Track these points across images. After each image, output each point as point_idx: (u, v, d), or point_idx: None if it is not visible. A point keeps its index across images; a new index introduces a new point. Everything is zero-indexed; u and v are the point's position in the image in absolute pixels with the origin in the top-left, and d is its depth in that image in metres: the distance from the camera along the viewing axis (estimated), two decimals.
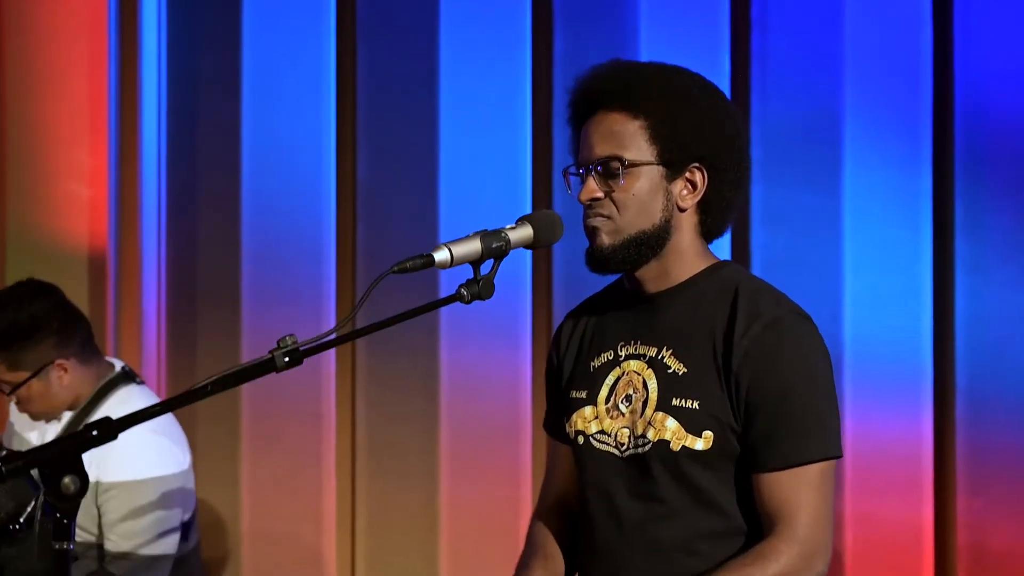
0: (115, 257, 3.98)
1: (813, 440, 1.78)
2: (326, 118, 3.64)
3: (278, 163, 3.72)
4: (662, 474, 1.82)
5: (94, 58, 4.04)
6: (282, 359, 1.61)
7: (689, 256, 1.87)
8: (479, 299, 1.72)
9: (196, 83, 3.86)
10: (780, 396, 1.78)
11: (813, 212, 2.96)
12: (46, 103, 4.08)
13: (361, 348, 3.58)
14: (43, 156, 4.08)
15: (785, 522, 1.76)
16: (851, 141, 2.93)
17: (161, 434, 2.83)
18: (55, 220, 4.09)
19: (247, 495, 3.74)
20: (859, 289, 2.91)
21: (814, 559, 1.77)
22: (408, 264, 1.69)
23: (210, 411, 3.76)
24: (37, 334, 2.76)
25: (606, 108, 1.84)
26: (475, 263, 1.74)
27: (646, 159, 1.82)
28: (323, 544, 3.63)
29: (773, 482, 1.78)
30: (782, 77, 2.97)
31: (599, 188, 1.83)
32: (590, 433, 1.89)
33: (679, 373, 1.83)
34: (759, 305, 1.82)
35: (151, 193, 3.93)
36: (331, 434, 3.62)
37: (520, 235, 1.76)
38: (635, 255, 1.83)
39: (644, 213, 1.82)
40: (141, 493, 2.76)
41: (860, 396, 2.89)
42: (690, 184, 1.84)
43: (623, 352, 1.89)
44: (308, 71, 3.68)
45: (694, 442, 1.80)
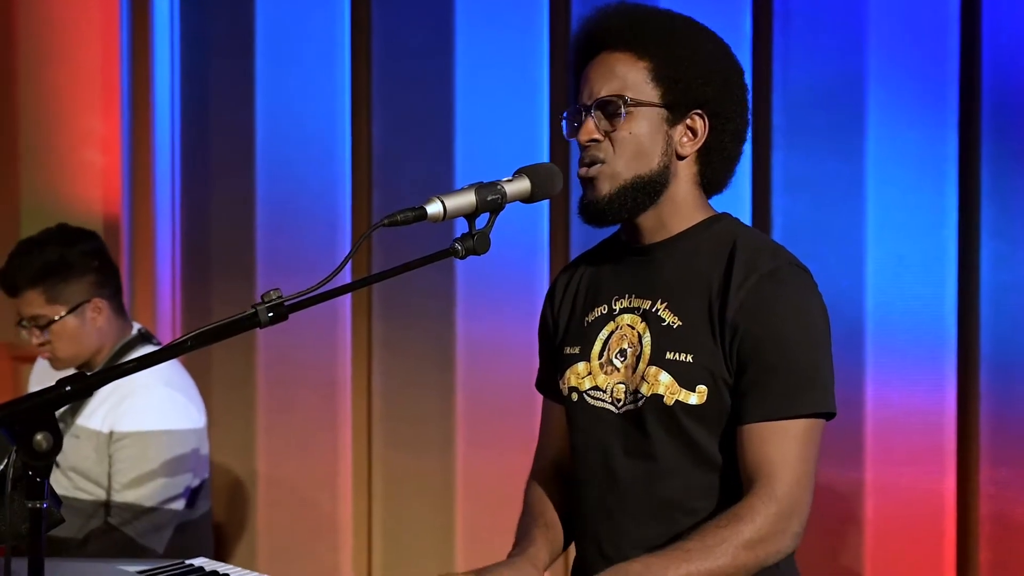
0: (128, 224, 3.96)
1: (803, 394, 1.71)
2: (340, 84, 3.59)
3: (292, 129, 3.68)
4: (657, 430, 1.76)
5: (106, 25, 4.01)
6: (266, 314, 1.54)
7: (686, 207, 1.81)
8: (474, 254, 1.65)
9: (209, 49, 3.82)
10: (772, 347, 1.72)
11: (835, 178, 2.89)
12: (59, 70, 4.06)
13: (377, 316, 3.55)
14: (57, 124, 4.07)
15: (765, 480, 1.69)
16: (874, 104, 2.85)
17: (177, 390, 2.84)
18: (69, 187, 4.08)
19: (263, 463, 3.71)
20: (882, 256, 2.84)
21: (791, 519, 1.70)
22: (399, 217, 1.61)
23: (226, 379, 3.75)
24: (78, 270, 2.81)
25: (611, 48, 1.79)
26: (470, 217, 1.66)
27: (649, 100, 1.76)
28: (339, 512, 3.61)
29: (756, 435, 1.71)
30: (804, 39, 2.88)
31: (598, 129, 1.77)
32: (584, 389, 1.83)
33: (673, 326, 1.77)
34: (757, 257, 1.76)
35: (164, 160, 3.90)
36: (347, 402, 3.59)
37: (517, 188, 1.69)
38: (631, 203, 1.78)
39: (643, 156, 1.77)
40: (153, 445, 2.76)
41: (882, 365, 2.83)
42: (691, 131, 1.79)
43: (617, 306, 1.83)
44: (322, 36, 3.63)
45: (688, 396, 1.74)
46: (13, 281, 2.82)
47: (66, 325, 2.82)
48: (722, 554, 1.65)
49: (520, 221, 3.12)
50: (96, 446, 2.83)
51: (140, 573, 1.86)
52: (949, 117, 2.76)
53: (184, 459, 2.82)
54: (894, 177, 2.83)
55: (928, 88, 2.79)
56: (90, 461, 2.84)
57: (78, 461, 2.85)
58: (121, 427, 2.79)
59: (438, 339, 3.43)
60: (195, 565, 1.90)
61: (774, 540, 1.68)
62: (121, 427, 2.79)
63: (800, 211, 2.93)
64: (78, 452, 2.85)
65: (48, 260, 2.80)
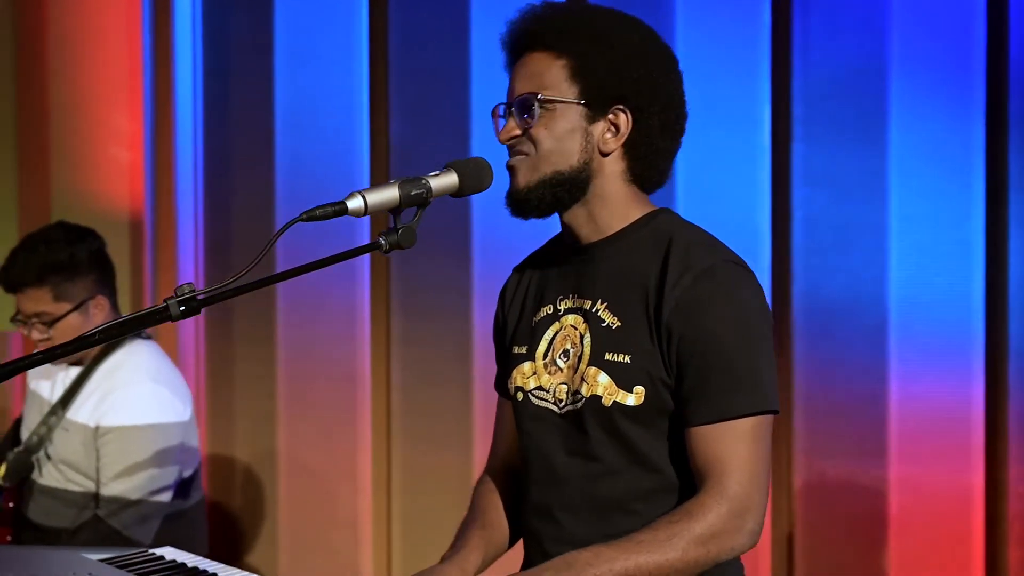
0: (151, 220, 3.90)
1: (745, 393, 1.65)
2: (359, 80, 3.52)
3: (312, 125, 3.62)
4: (596, 431, 1.71)
5: (130, 24, 3.95)
6: (177, 308, 1.48)
7: (618, 204, 1.75)
8: (398, 248, 1.59)
9: (230, 47, 3.75)
10: (710, 347, 1.65)
11: (857, 170, 2.74)
12: (88, 70, 4.02)
13: (396, 311, 3.47)
14: (86, 122, 4.03)
15: (715, 479, 1.64)
16: (897, 94, 2.69)
17: (162, 384, 2.82)
18: (98, 184, 4.03)
19: (283, 457, 3.65)
20: (906, 249, 2.68)
21: (744, 517, 1.64)
22: (318, 212, 1.55)
23: (247, 374, 3.70)
24: (83, 268, 2.79)
25: (531, 49, 1.75)
26: (395, 211, 1.61)
27: (564, 97, 1.71)
28: (359, 505, 3.53)
29: (703, 437, 1.66)
30: (824, 27, 2.73)
31: (518, 126, 1.73)
32: (528, 389, 1.80)
33: (612, 327, 1.72)
34: (692, 254, 1.69)
35: (186, 156, 3.84)
36: (366, 396, 3.51)
37: (443, 182, 1.65)
38: (551, 197, 1.72)
39: (561, 153, 1.71)
40: (137, 439, 2.74)
41: (907, 360, 2.68)
42: (613, 126, 1.73)
43: (562, 306, 1.79)
44: (340, 33, 3.56)
45: (625, 397, 1.69)
46: (19, 278, 2.77)
47: (70, 322, 2.77)
48: (672, 548, 1.61)
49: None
50: (84, 440, 2.80)
51: (102, 560, 1.83)
52: (975, 106, 2.60)
53: (170, 452, 2.78)
54: (918, 168, 2.67)
55: (952, 77, 2.63)
56: (79, 455, 2.81)
57: (68, 454, 2.82)
58: (106, 422, 2.76)
59: (456, 334, 3.34)
60: (156, 554, 1.87)
61: (727, 537, 1.63)
62: (106, 422, 2.76)
63: (821, 204, 2.78)
64: (68, 445, 2.82)
65: (56, 258, 2.76)
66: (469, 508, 1.90)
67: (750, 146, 2.87)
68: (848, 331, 2.76)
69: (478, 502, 1.89)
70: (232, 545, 3.73)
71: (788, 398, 2.81)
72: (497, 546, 1.85)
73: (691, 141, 3.00)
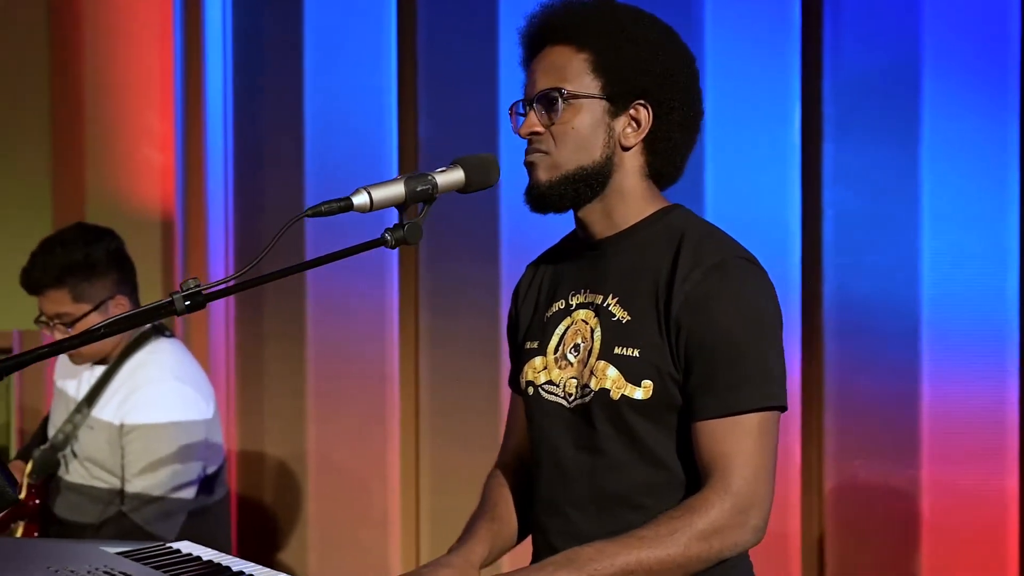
0: (182, 219, 3.91)
1: (752, 388, 1.63)
2: (387, 80, 3.50)
3: (341, 125, 3.61)
4: (604, 425, 1.70)
5: (162, 26, 3.96)
6: (182, 303, 1.48)
7: (634, 199, 1.74)
8: (404, 244, 1.58)
9: (259, 48, 3.75)
10: (718, 342, 1.64)
11: (889, 168, 2.69)
12: (121, 71, 4.04)
13: (425, 310, 3.45)
14: (119, 123, 4.05)
15: (719, 474, 1.62)
16: (929, 90, 2.64)
17: (185, 382, 2.82)
18: (130, 184, 4.05)
19: (313, 455, 3.64)
20: (939, 247, 2.63)
21: (748, 512, 1.62)
22: (323, 208, 1.54)
23: (277, 373, 3.69)
24: (101, 269, 2.79)
25: (552, 43, 1.73)
26: (401, 207, 1.59)
27: (588, 92, 1.70)
28: (388, 503, 3.52)
29: (709, 431, 1.64)
30: (855, 23, 2.68)
31: (539, 122, 1.72)
32: (539, 383, 1.79)
33: (623, 321, 1.71)
34: (702, 249, 1.68)
35: (217, 156, 3.84)
36: (395, 395, 3.50)
37: (449, 178, 1.63)
38: (572, 192, 1.71)
39: (583, 148, 1.70)
40: (160, 437, 2.75)
41: (940, 359, 2.63)
42: (634, 121, 1.72)
43: (574, 301, 1.78)
44: (369, 31, 3.55)
45: (633, 391, 1.68)
46: (38, 280, 2.78)
47: (90, 322, 2.77)
48: (674, 543, 1.60)
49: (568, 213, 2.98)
50: (108, 438, 2.81)
51: (120, 554, 1.83)
52: (1009, 102, 2.54)
53: (193, 449, 2.79)
54: (951, 166, 2.62)
55: (986, 73, 2.58)
56: (104, 452, 2.82)
57: (93, 451, 2.84)
58: (131, 419, 2.77)
59: (484, 332, 3.32)
60: (174, 548, 1.86)
61: (730, 533, 1.62)
62: (131, 419, 2.77)
63: (852, 203, 2.74)
64: (93, 443, 2.84)
65: (73, 260, 2.76)
66: (480, 502, 1.88)
67: (780, 144, 2.83)
68: (880, 331, 2.71)
69: (488, 495, 1.88)
70: (262, 543, 3.73)
71: (819, 398, 2.77)
72: (505, 540, 1.84)
73: (721, 139, 2.97)
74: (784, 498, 2.81)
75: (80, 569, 1.68)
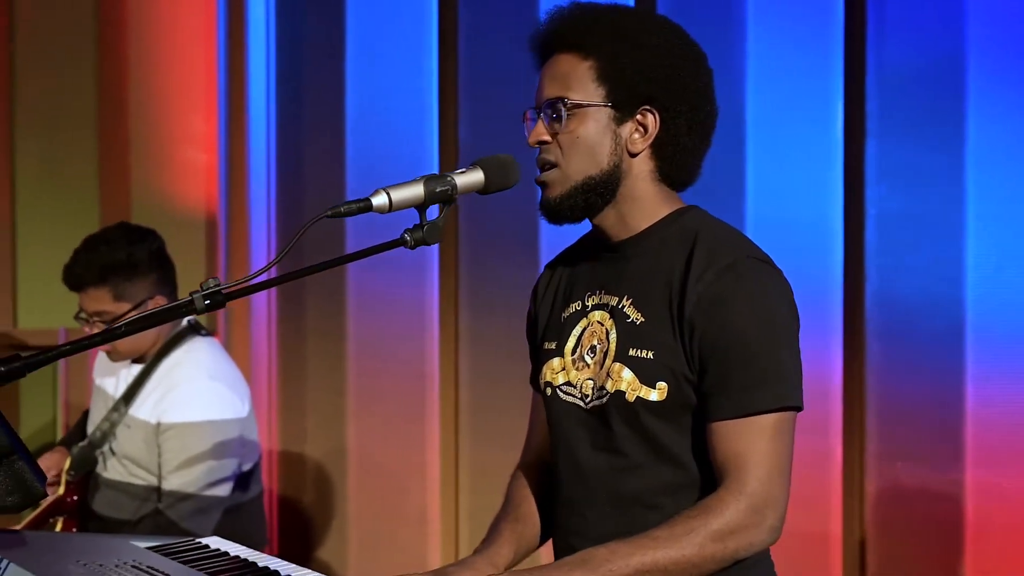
0: (225, 219, 3.92)
1: (767, 388, 1.63)
2: (428, 81, 3.50)
3: (382, 124, 3.62)
4: (621, 426, 1.70)
5: (206, 28, 3.98)
6: (202, 302, 1.49)
7: (648, 203, 1.74)
8: (424, 244, 1.60)
9: (302, 49, 3.76)
10: (732, 342, 1.63)
11: (933, 166, 2.63)
12: (166, 73, 4.07)
13: (464, 309, 3.44)
14: (164, 124, 4.07)
15: (734, 474, 1.62)
16: (975, 88, 2.58)
17: (220, 380, 2.85)
18: (175, 185, 4.07)
19: (353, 453, 3.64)
20: (983, 248, 2.58)
21: (763, 513, 1.61)
22: (343, 208, 1.56)
23: (318, 371, 3.70)
24: (143, 269, 2.81)
25: (559, 51, 1.74)
26: (420, 208, 1.61)
27: (592, 100, 1.70)
28: (427, 502, 3.51)
29: (724, 432, 1.64)
30: (899, 17, 2.63)
31: (547, 131, 1.72)
32: (557, 384, 1.79)
33: (637, 323, 1.71)
34: (716, 250, 1.68)
35: (259, 157, 3.85)
36: (435, 393, 3.49)
37: (469, 179, 1.64)
38: (583, 203, 1.72)
39: (591, 157, 1.70)
40: (196, 435, 2.77)
41: (984, 362, 2.58)
42: (641, 127, 1.72)
43: (590, 302, 1.78)
44: (410, 32, 3.54)
45: (648, 393, 1.68)
46: (80, 277, 2.81)
47: None
48: (689, 544, 1.59)
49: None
50: (145, 436, 2.84)
51: (149, 548, 1.84)
52: None
53: (228, 446, 2.81)
54: (995, 165, 2.57)
55: None
56: (140, 450, 2.84)
57: (130, 449, 2.86)
58: (167, 418, 2.79)
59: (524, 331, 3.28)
60: (202, 543, 1.87)
61: (745, 533, 1.61)
62: (167, 418, 2.79)
63: (895, 202, 2.69)
64: (130, 441, 2.86)
65: (116, 259, 2.78)
66: (504, 501, 1.89)
67: (822, 142, 2.79)
68: (923, 332, 2.66)
69: (512, 496, 1.88)
70: (302, 539, 3.73)
71: (861, 400, 2.72)
72: (529, 540, 1.85)
73: (763, 138, 2.93)
74: (826, 500, 2.77)
75: (108, 563, 1.68)
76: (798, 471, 1.59)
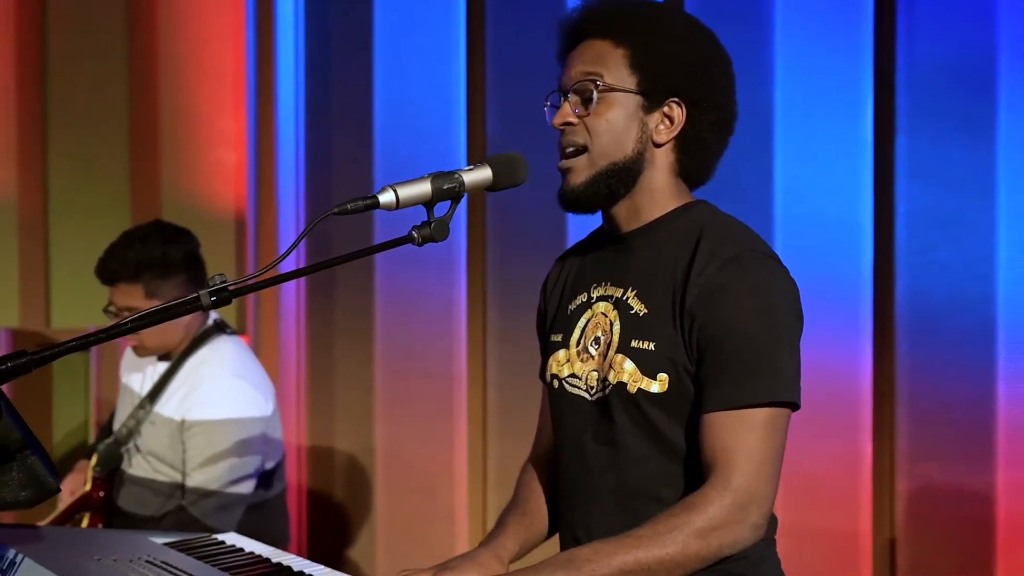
0: (254, 218, 3.93)
1: (759, 382, 1.61)
2: (456, 79, 3.49)
3: (410, 123, 3.61)
4: (623, 417, 1.70)
5: (235, 28, 3.99)
6: (208, 298, 1.51)
7: (662, 195, 1.74)
8: (432, 241, 1.59)
9: (330, 47, 3.75)
10: (728, 334, 1.62)
11: (964, 163, 2.59)
12: (195, 73, 4.08)
13: (492, 308, 3.43)
14: (194, 124, 4.09)
15: (721, 469, 1.60)
16: (1006, 84, 2.54)
17: (244, 379, 2.86)
18: (205, 185, 4.08)
19: (382, 451, 3.64)
20: (1015, 246, 2.54)
21: (748, 509, 1.59)
22: (350, 206, 1.57)
23: (346, 370, 3.70)
24: (175, 268, 2.83)
25: (591, 36, 1.74)
26: (428, 205, 1.60)
27: (624, 85, 1.70)
28: (455, 500, 3.50)
29: (715, 424, 1.62)
30: (930, 13, 2.59)
31: (573, 113, 1.72)
32: (563, 376, 1.79)
33: (640, 314, 1.70)
34: (720, 243, 1.67)
35: (288, 156, 3.86)
36: (463, 392, 3.48)
37: (476, 176, 1.64)
38: (605, 190, 1.72)
39: (617, 142, 1.71)
40: (219, 433, 2.79)
41: (1016, 361, 2.54)
42: (668, 119, 1.73)
43: (595, 294, 1.78)
44: (438, 31, 3.53)
45: (649, 384, 1.67)
46: (115, 272, 2.83)
47: None
48: (672, 542, 1.58)
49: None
50: (170, 433, 2.86)
51: (166, 544, 1.85)
52: None
53: (250, 444, 2.82)
54: None
55: None
56: (165, 447, 2.86)
57: (155, 446, 2.88)
58: (191, 415, 2.81)
59: None
60: (218, 539, 1.88)
61: (728, 530, 1.59)
62: (191, 415, 2.81)
63: (926, 200, 2.65)
64: (155, 438, 2.88)
65: (152, 256, 2.80)
66: (513, 495, 1.88)
67: (852, 139, 2.75)
68: (954, 331, 2.62)
69: (520, 490, 1.87)
70: (331, 537, 3.73)
71: (891, 399, 2.69)
72: (536, 533, 1.84)
73: (791, 134, 2.90)
74: (855, 499, 2.74)
75: (124, 558, 1.69)
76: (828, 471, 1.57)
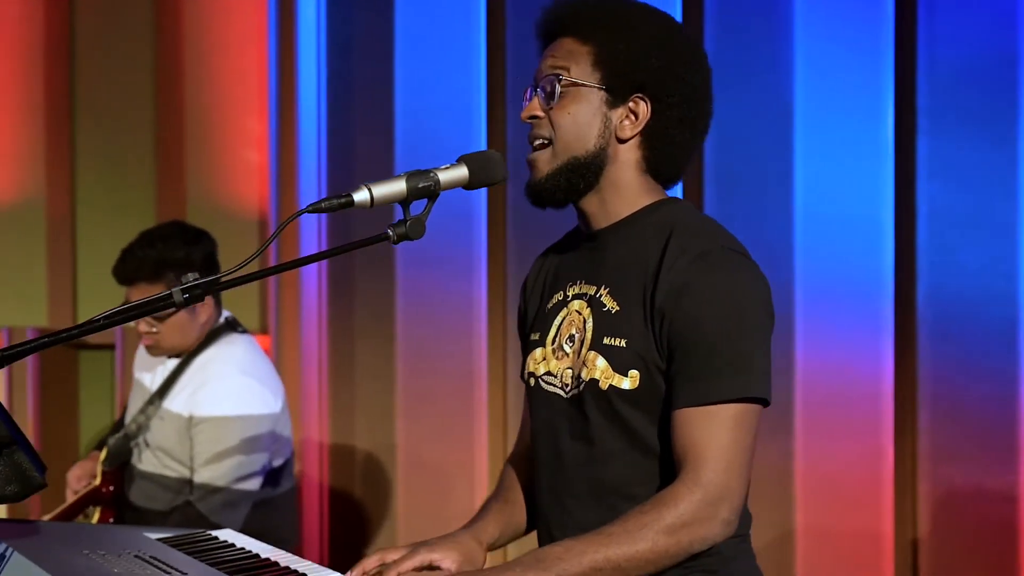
0: (275, 219, 3.94)
1: (728, 378, 1.61)
2: (476, 80, 3.49)
3: (430, 124, 3.61)
4: (596, 414, 1.70)
5: (258, 29, 4.00)
6: (180, 295, 1.52)
7: (630, 192, 1.74)
8: (407, 239, 1.60)
9: (351, 48, 3.76)
10: (697, 330, 1.63)
11: (985, 163, 2.58)
12: (220, 74, 4.10)
13: (512, 308, 3.41)
14: (218, 124, 4.10)
15: (691, 465, 1.60)
16: None
17: (252, 376, 2.87)
18: (229, 185, 4.09)
19: (403, 451, 3.64)
20: None
21: (718, 506, 1.59)
22: (323, 204, 1.57)
23: (367, 370, 3.70)
24: (196, 268, 2.82)
25: (561, 35, 1.77)
26: (404, 203, 1.61)
27: (587, 81, 1.72)
28: (476, 499, 3.49)
29: (684, 420, 1.62)
30: (952, 13, 2.56)
31: (540, 107, 1.74)
32: (539, 375, 1.79)
33: (612, 311, 1.71)
34: (690, 240, 1.67)
35: (310, 156, 3.86)
36: (483, 392, 3.48)
37: (452, 175, 1.66)
38: (566, 184, 1.72)
39: (579, 137, 1.71)
40: (227, 430, 2.79)
41: None
42: (632, 114, 1.73)
43: (571, 292, 1.79)
44: (459, 33, 3.53)
45: (621, 381, 1.67)
46: (134, 272, 2.83)
47: (178, 319, 2.84)
48: (642, 539, 1.58)
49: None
50: (178, 428, 2.87)
51: (160, 539, 1.84)
52: None
53: (258, 441, 2.82)
54: None
55: None
56: (173, 442, 2.87)
57: (163, 441, 2.89)
58: (199, 412, 2.82)
59: None
60: (212, 535, 1.88)
61: (698, 526, 1.59)
62: (199, 412, 2.82)
63: (947, 200, 2.63)
64: (163, 433, 2.89)
65: (174, 257, 2.81)
66: (495, 487, 1.89)
67: (873, 139, 2.73)
68: (976, 331, 2.60)
69: (502, 482, 1.89)
70: (351, 535, 3.73)
71: (913, 400, 2.66)
72: (516, 524, 1.86)
73: (812, 134, 2.88)
74: (877, 499, 2.71)
75: (112, 553, 1.68)
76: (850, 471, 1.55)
